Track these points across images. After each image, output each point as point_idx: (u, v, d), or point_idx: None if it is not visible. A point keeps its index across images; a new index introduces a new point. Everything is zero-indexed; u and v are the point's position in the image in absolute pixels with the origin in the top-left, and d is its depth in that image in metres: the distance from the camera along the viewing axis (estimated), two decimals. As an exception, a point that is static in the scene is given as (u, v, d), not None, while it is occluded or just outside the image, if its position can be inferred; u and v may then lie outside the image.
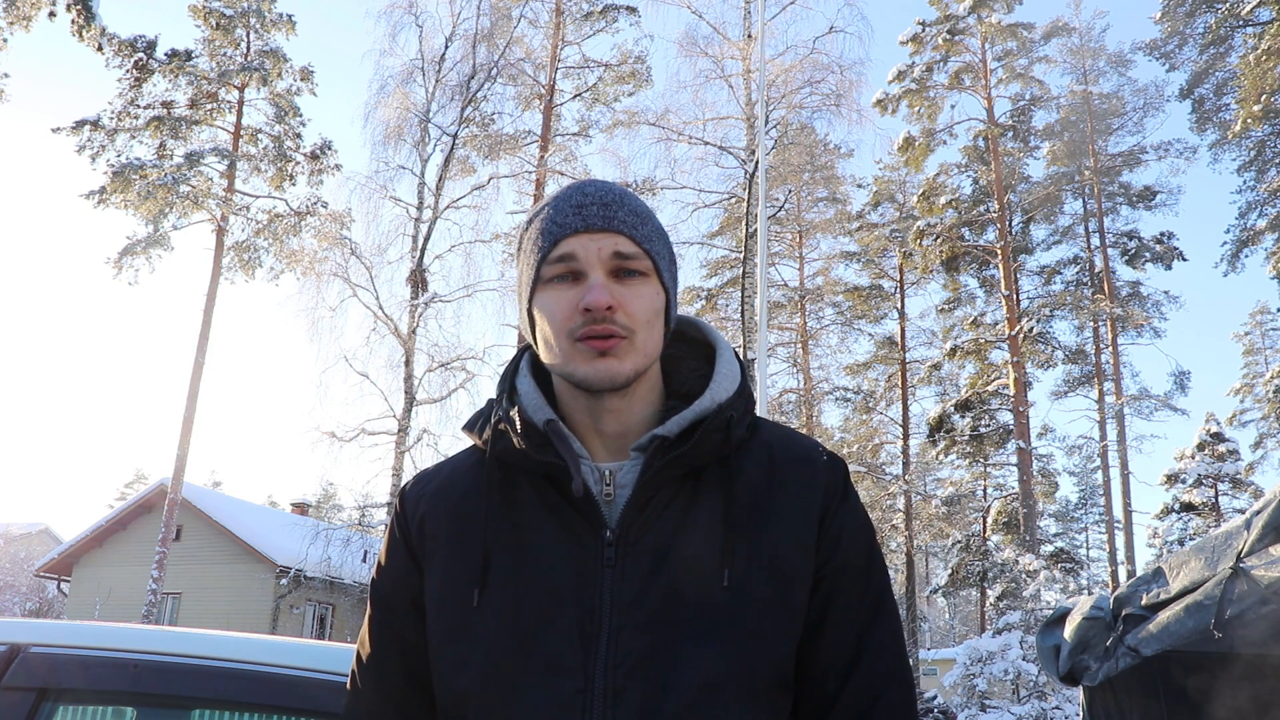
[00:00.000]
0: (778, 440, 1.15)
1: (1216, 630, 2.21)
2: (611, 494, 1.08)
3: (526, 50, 19.94)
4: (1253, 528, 2.23)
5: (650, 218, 1.13)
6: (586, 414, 1.11)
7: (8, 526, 35.12)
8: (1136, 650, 2.70)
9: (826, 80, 17.03)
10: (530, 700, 1.01)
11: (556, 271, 1.07)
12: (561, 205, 1.10)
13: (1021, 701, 16.49)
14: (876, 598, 1.12)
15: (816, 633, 1.07)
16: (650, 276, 1.10)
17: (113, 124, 20.61)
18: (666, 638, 1.02)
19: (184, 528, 22.18)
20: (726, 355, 1.17)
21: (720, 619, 1.02)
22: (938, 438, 26.48)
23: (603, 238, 1.07)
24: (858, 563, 1.11)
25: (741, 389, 1.13)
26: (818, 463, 1.13)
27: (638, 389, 1.11)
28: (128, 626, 1.94)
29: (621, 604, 1.03)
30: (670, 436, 1.07)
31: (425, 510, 1.15)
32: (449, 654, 1.07)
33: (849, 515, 1.12)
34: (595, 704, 0.99)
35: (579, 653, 1.01)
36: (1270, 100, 20.31)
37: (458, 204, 18.37)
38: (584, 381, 1.06)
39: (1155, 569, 2.69)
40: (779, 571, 1.06)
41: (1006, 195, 26.52)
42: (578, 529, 1.07)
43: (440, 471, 1.20)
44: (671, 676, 1.00)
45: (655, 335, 1.10)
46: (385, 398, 17.04)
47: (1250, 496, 28.20)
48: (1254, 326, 36.53)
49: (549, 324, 1.07)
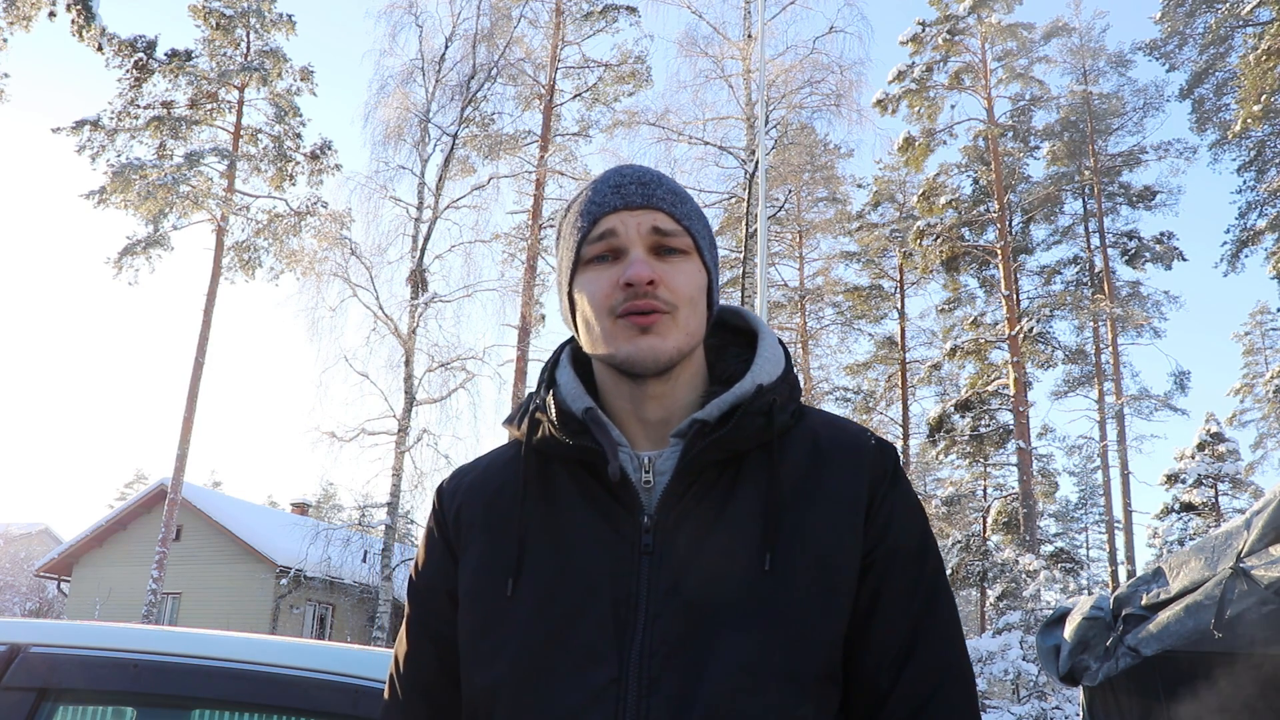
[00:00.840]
0: (824, 426, 1.12)
1: (1216, 630, 2.21)
2: (650, 481, 1.05)
3: (526, 50, 19.96)
4: (1253, 528, 2.23)
5: (689, 198, 1.12)
6: (628, 400, 1.09)
7: (8, 526, 35.12)
8: (1136, 650, 2.70)
9: (826, 80, 17.05)
10: (563, 689, 0.98)
11: (597, 250, 1.06)
12: (600, 186, 1.09)
13: (1021, 701, 16.49)
14: (931, 585, 1.07)
15: (867, 621, 1.04)
16: (691, 255, 1.08)
17: (113, 124, 20.63)
18: (703, 624, 0.99)
19: (184, 528, 22.19)
20: (769, 340, 1.14)
21: (760, 605, 0.99)
22: (938, 438, 26.47)
23: (642, 214, 1.06)
24: (909, 548, 1.07)
25: (786, 374, 1.11)
26: (865, 448, 1.09)
27: (681, 373, 1.08)
28: (128, 626, 1.94)
29: (658, 591, 1.00)
30: (710, 420, 1.04)
31: (462, 502, 1.14)
32: (481, 643, 1.05)
33: (900, 500, 1.08)
34: (630, 693, 0.97)
35: (613, 641, 0.99)
36: (1270, 100, 20.31)
37: (458, 204, 18.39)
38: (626, 362, 1.04)
39: (1155, 569, 2.70)
40: (823, 557, 1.02)
41: (1006, 195, 26.52)
42: (615, 516, 1.04)
43: (477, 465, 1.19)
44: (709, 664, 0.97)
45: (698, 314, 1.08)
46: (385, 398, 17.07)
47: (1250, 496, 28.18)
48: (1254, 326, 36.53)
49: (589, 303, 1.06)
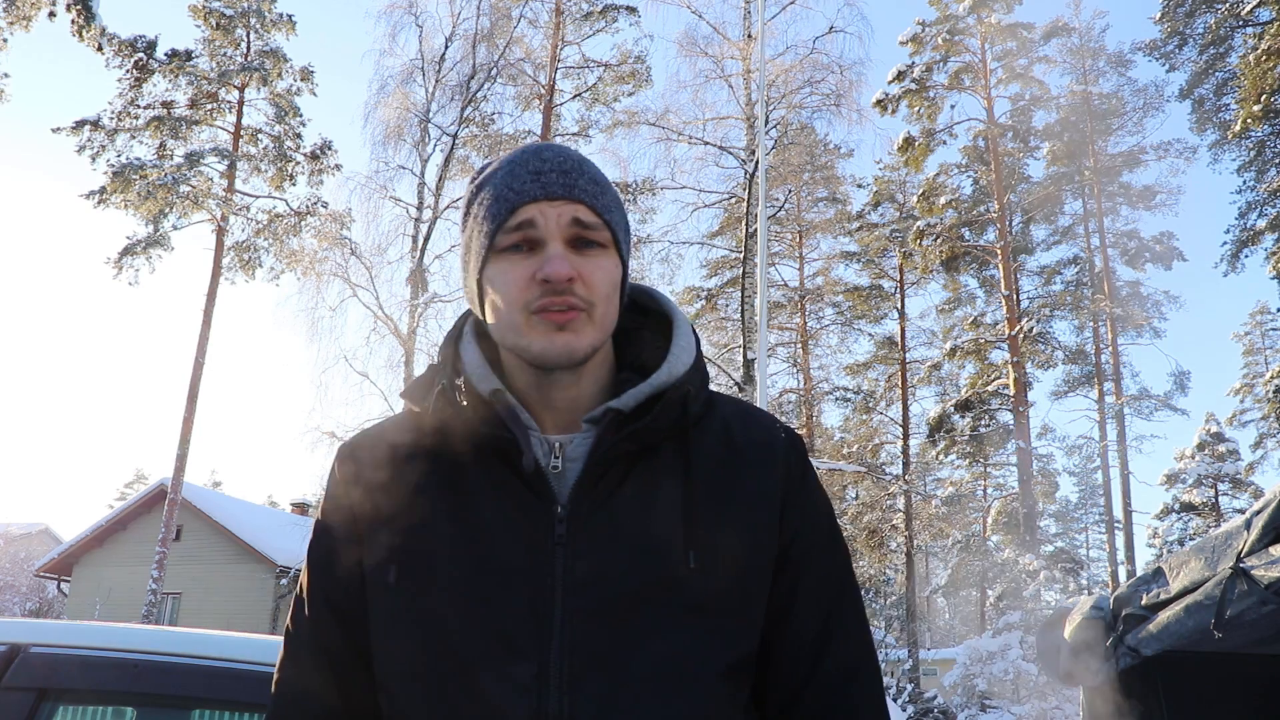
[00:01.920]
0: (735, 416, 1.11)
1: (1216, 630, 2.21)
2: (560, 467, 1.03)
3: (526, 50, 19.94)
4: (1253, 528, 2.23)
5: (609, 187, 1.07)
6: (534, 387, 1.05)
7: (8, 526, 35.09)
8: (1136, 650, 2.70)
9: (826, 80, 17.05)
10: (484, 682, 0.96)
11: (512, 240, 1.01)
12: (518, 170, 1.03)
13: (1021, 701, 16.49)
14: (841, 575, 1.10)
15: (785, 613, 1.05)
16: (609, 249, 1.04)
17: (113, 124, 20.61)
18: (626, 620, 0.97)
19: (184, 528, 22.18)
20: (684, 328, 1.12)
21: (683, 601, 0.98)
22: (938, 438, 26.47)
23: (563, 205, 1.01)
24: (822, 541, 1.09)
25: (697, 362, 1.09)
26: (777, 441, 1.10)
27: (589, 364, 1.05)
28: (128, 626, 1.94)
29: (575, 583, 0.98)
30: (625, 410, 1.02)
31: (368, 477, 1.08)
32: (396, 632, 1.02)
33: (810, 494, 1.10)
34: (552, 688, 0.95)
35: (533, 635, 0.97)
36: (1270, 100, 20.30)
37: (458, 204, 18.36)
38: (539, 358, 1.01)
39: (1155, 569, 2.69)
40: (739, 554, 1.02)
41: (1006, 195, 26.51)
42: (527, 504, 1.01)
43: (382, 436, 1.12)
44: (632, 660, 0.96)
45: (613, 309, 1.05)
46: (385, 398, 17.04)
47: (1250, 496, 28.19)
48: (1254, 326, 36.49)
49: (502, 296, 1.01)
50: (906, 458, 28.06)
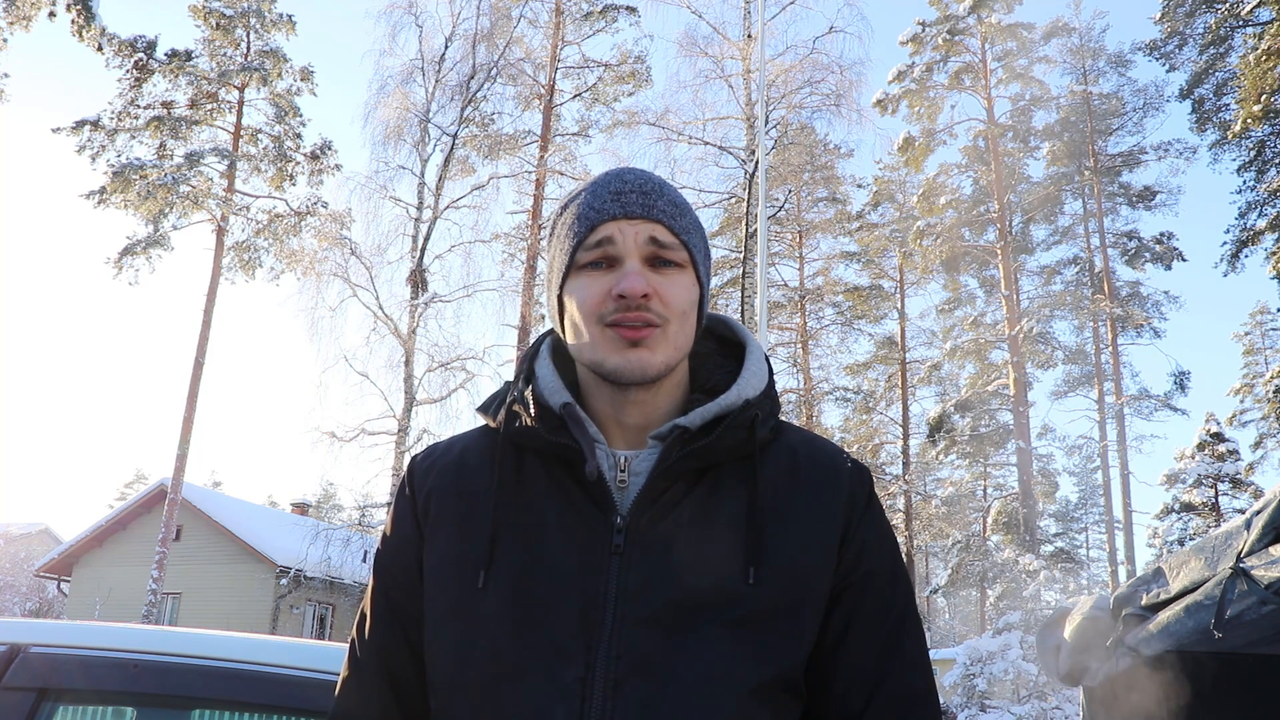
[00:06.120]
0: (802, 444, 1.13)
1: (1216, 630, 2.21)
2: (625, 481, 1.05)
3: (526, 50, 19.93)
4: (1253, 528, 2.23)
5: (689, 210, 1.11)
6: (609, 404, 1.08)
7: (8, 526, 35.11)
8: (1136, 650, 2.70)
9: (826, 80, 17.04)
10: (530, 686, 0.98)
11: (591, 257, 1.05)
12: (599, 191, 1.08)
13: (1021, 701, 16.49)
14: (901, 611, 1.10)
15: (839, 645, 1.06)
16: (686, 269, 1.07)
17: (113, 124, 20.61)
18: (673, 631, 0.99)
19: (184, 528, 22.17)
20: (756, 354, 1.14)
21: (737, 615, 1.00)
22: (938, 438, 26.46)
23: (641, 225, 1.05)
24: (882, 574, 1.09)
25: (769, 389, 1.12)
26: (842, 470, 1.11)
27: (664, 383, 1.08)
28: (128, 626, 1.94)
29: (627, 593, 1.00)
30: (692, 428, 1.04)
31: (434, 484, 1.12)
32: (448, 633, 1.05)
33: (874, 526, 1.11)
34: (595, 692, 0.97)
35: (581, 639, 0.99)
36: (1270, 100, 20.30)
37: (457, 204, 18.37)
38: (613, 373, 1.04)
39: (1155, 569, 2.69)
40: (796, 575, 1.04)
41: (1006, 195, 26.52)
42: (587, 513, 1.04)
43: (452, 447, 1.17)
44: (676, 670, 0.98)
45: (688, 329, 1.07)
46: (385, 398, 17.04)
47: (1250, 496, 28.16)
48: (1254, 326, 36.47)
49: (580, 310, 1.05)
50: (906, 458, 28.07)
